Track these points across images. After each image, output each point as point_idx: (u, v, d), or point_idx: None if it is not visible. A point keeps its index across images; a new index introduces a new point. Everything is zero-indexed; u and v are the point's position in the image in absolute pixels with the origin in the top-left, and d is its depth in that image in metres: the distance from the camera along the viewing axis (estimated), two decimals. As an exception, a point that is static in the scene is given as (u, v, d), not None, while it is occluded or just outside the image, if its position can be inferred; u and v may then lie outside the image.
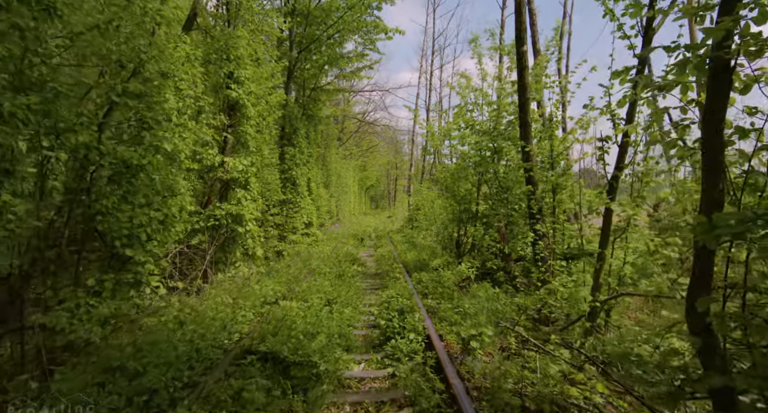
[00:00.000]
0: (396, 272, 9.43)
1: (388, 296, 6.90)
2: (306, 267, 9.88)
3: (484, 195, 10.69)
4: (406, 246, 15.27)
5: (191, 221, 7.01)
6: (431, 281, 7.93)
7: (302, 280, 8.22)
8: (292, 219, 13.94)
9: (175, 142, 5.39)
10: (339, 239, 18.86)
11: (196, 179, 8.21)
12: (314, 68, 15.74)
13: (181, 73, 5.69)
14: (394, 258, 12.62)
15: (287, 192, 13.79)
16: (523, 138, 7.23)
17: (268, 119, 10.10)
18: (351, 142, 39.74)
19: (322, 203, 20.21)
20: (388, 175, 63.46)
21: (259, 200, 9.22)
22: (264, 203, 10.41)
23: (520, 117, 7.28)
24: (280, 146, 14.49)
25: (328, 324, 5.29)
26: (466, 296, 6.96)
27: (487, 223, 9.91)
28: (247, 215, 8.24)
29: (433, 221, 15.27)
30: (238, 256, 8.46)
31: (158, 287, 4.86)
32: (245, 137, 8.70)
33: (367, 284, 9.39)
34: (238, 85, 8.33)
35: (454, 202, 10.83)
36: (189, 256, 7.72)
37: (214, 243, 8.17)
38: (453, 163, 11.39)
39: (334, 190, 26.81)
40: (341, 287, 7.84)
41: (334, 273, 9.10)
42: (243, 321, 5.14)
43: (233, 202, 8.19)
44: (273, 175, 10.90)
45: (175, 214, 5.26)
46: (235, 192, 8.38)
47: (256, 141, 9.49)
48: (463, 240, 11.02)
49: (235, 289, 6.64)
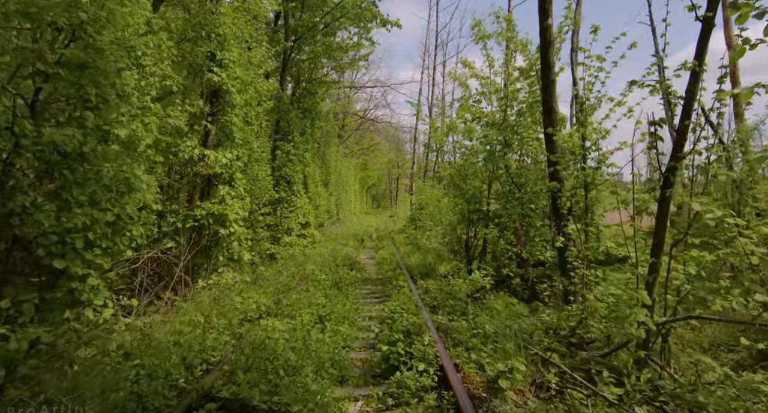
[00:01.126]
0: (400, 280, 8.46)
1: (390, 310, 5.92)
2: (299, 273, 8.90)
3: (495, 193, 9.71)
4: (409, 248, 14.28)
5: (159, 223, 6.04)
6: (440, 292, 6.95)
7: (293, 289, 7.25)
8: (287, 219, 12.98)
9: (134, 127, 4.42)
10: (338, 240, 17.89)
11: (171, 174, 7.25)
12: (310, 59, 14.76)
13: (142, 45, 4.71)
14: (397, 262, 11.64)
15: (281, 190, 12.82)
16: (547, 126, 6.24)
17: (257, 109, 9.13)
18: (352, 140, 38.81)
19: (320, 202, 19.24)
20: (390, 174, 62.50)
21: (246, 198, 8.25)
22: (253, 202, 9.44)
23: (543, 101, 6.29)
24: (273, 140, 13.52)
25: (318, 349, 4.32)
26: (481, 310, 5.97)
27: (501, 224, 8.92)
28: (231, 215, 7.27)
29: (439, 221, 14.29)
30: (221, 261, 7.49)
31: (105, 306, 3.89)
32: (230, 127, 7.73)
33: (367, 292, 8.41)
34: (222, 69, 7.36)
35: (463, 201, 9.85)
36: (164, 262, 6.75)
37: (194, 247, 7.20)
38: (460, 159, 10.40)
39: (333, 189, 25.84)
40: (337, 298, 6.87)
41: (330, 281, 8.13)
42: (212, 347, 4.17)
43: (215, 200, 7.22)
44: (264, 171, 9.93)
45: (132, 214, 4.28)
46: (218, 189, 7.41)
47: (244, 133, 8.51)
48: (472, 243, 10.04)
49: (212, 303, 5.67)
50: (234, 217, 7.37)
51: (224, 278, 7.35)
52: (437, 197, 16.12)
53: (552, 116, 6.26)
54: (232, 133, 7.85)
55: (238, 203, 7.74)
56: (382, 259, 12.60)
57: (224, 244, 7.62)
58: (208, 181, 7.63)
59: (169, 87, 5.64)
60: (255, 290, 6.80)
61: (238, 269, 7.84)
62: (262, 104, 9.38)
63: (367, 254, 15.04)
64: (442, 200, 15.18)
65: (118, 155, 4.22)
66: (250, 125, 8.92)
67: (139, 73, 4.74)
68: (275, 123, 13.92)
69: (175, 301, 5.64)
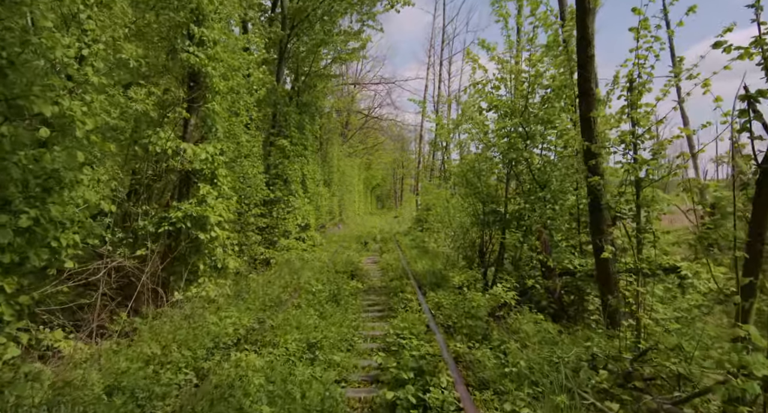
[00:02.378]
0: (407, 291, 7.42)
1: (397, 332, 4.90)
2: (293, 283, 7.89)
3: (514, 192, 8.64)
4: (416, 252, 13.25)
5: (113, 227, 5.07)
6: (455, 308, 5.91)
7: (283, 304, 6.23)
8: (284, 221, 11.99)
9: (66, 105, 3.43)
10: (340, 242, 16.90)
11: (144, 170, 6.28)
12: (309, 49, 13.75)
13: (81, 4, 3.72)
14: (403, 268, 10.61)
15: (277, 190, 11.83)
16: (585, 110, 5.19)
17: (246, 99, 8.14)
18: (356, 139, 37.81)
19: (321, 203, 18.25)
20: (394, 174, 61.49)
21: (233, 198, 7.26)
22: (242, 203, 8.46)
23: (580, 82, 5.23)
24: (269, 134, 12.54)
25: (303, 392, 3.30)
26: (507, 333, 4.93)
27: (521, 226, 7.85)
28: (212, 218, 6.27)
29: (448, 223, 13.22)
30: (202, 270, 6.50)
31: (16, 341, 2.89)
32: (212, 117, 6.74)
33: (370, 304, 7.39)
34: (200, 48, 6.36)
35: (477, 200, 8.79)
36: (132, 274, 5.76)
37: (169, 255, 6.22)
38: (474, 153, 9.33)
39: (336, 188, 24.85)
40: (334, 315, 5.85)
41: (327, 292, 7.11)
42: (162, 395, 3.16)
43: (193, 201, 6.23)
44: (255, 168, 8.94)
45: (62, 218, 3.28)
46: (198, 188, 6.42)
47: (230, 124, 7.53)
48: (488, 248, 8.98)
49: (182, 323, 4.66)
50: (216, 219, 6.38)
51: (205, 290, 6.37)
52: (445, 197, 15.05)
53: (590, 99, 5.19)
54: (215, 123, 6.86)
55: (221, 204, 6.74)
56: (386, 264, 11.58)
57: (206, 251, 6.64)
58: (187, 179, 6.64)
59: (133, 66, 4.63)
60: (237, 306, 5.79)
61: (224, 279, 6.84)
62: (253, 94, 8.40)
63: (371, 259, 14.03)
64: (451, 200, 14.12)
65: (44, 139, 3.23)
66: (237, 116, 7.94)
67: (78, 38, 3.74)
68: (271, 117, 12.95)
69: (140, 322, 4.63)
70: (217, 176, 6.63)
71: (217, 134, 6.90)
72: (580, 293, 6.72)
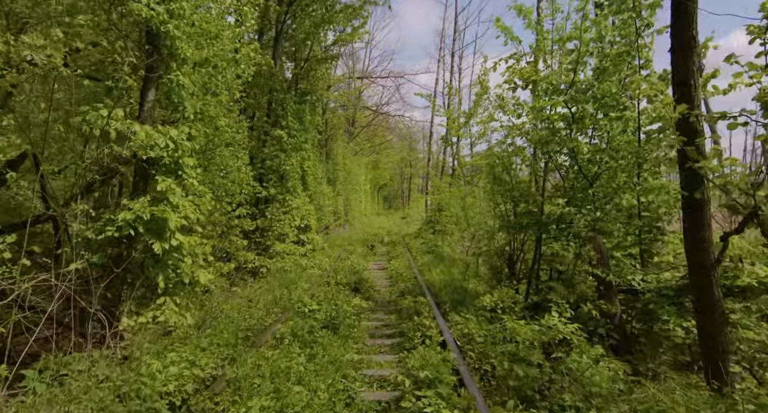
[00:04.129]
0: (423, 312, 5.92)
1: (415, 390, 3.41)
2: (282, 300, 6.43)
3: (553, 190, 7.11)
4: (428, 258, 11.73)
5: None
6: (490, 343, 4.39)
7: (264, 333, 4.75)
8: (280, 223, 10.55)
9: None
10: (344, 245, 15.44)
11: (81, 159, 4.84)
12: (307, 31, 12.26)
13: None
14: (415, 277, 9.11)
15: (270, 186, 10.39)
16: (681, 69, 3.66)
17: (226, 74, 6.70)
18: (363, 136, 36.36)
19: (324, 202, 16.82)
20: (402, 173, 60.03)
21: (206, 195, 5.81)
22: (222, 201, 7.01)
23: (675, 32, 3.69)
24: (263, 125, 11.12)
25: None
26: (571, 384, 3.40)
27: (563, 231, 6.31)
28: (172, 221, 4.83)
29: (465, 225, 11.69)
30: (162, 288, 5.05)
31: None
32: (177, 92, 5.31)
33: (377, 326, 5.91)
34: (158, 2, 4.91)
35: (506, 199, 7.27)
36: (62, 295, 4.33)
37: (114, 271, 4.79)
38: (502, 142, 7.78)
39: (341, 188, 23.41)
40: (328, 349, 4.37)
41: (323, 314, 5.63)
42: None
43: (143, 199, 4.80)
44: (240, 159, 7.50)
45: None
46: (156, 182, 4.98)
47: (205, 104, 6.09)
48: (518, 256, 7.45)
49: (88, 388, 3.18)
50: (178, 223, 4.93)
51: (165, 314, 4.93)
52: (461, 195, 13.52)
53: (689, 53, 3.64)
54: (182, 100, 5.42)
55: (189, 203, 5.31)
56: (395, 273, 10.09)
57: (169, 262, 5.20)
58: (145, 171, 5.20)
59: None
60: (199, 339, 4.33)
61: (191, 298, 5.40)
62: (238, 70, 6.96)
63: (378, 264, 12.55)
64: (467, 200, 12.58)
65: None
66: (215, 96, 6.50)
67: None
68: (266, 106, 11.53)
69: (32, 379, 3.18)
70: (182, 168, 5.18)
71: (185, 113, 5.47)
72: (651, 319, 5.17)
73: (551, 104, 6.08)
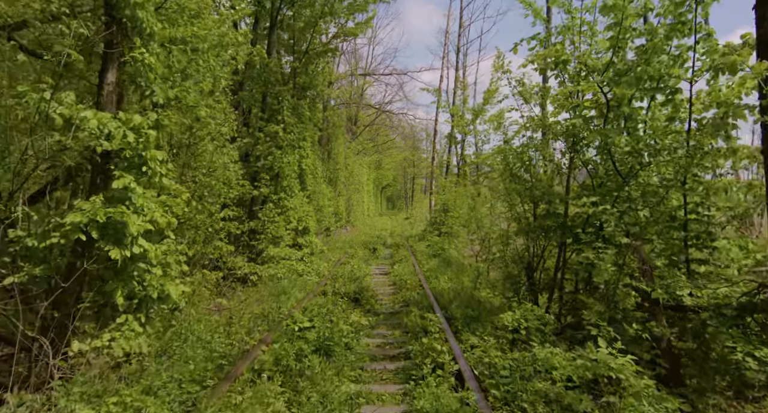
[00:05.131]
0: (432, 331, 5.08)
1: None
2: (271, 315, 5.61)
3: (579, 188, 6.25)
4: (434, 263, 10.88)
5: None
6: (518, 377, 3.54)
7: (243, 359, 3.94)
8: (274, 225, 9.73)
9: None
10: (345, 248, 14.62)
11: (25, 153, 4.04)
12: (306, 22, 11.45)
13: None
14: (421, 286, 8.27)
15: (263, 186, 9.58)
16: None
17: (209, 59, 5.89)
18: (365, 136, 35.52)
19: (324, 202, 15.99)
20: (405, 173, 59.21)
21: (182, 194, 5.01)
22: (203, 202, 6.19)
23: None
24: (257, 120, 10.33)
25: None
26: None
27: (592, 236, 5.45)
28: (133, 225, 4.02)
29: (474, 228, 10.82)
30: (123, 305, 4.24)
31: None
32: (144, 73, 4.51)
33: (378, 345, 5.08)
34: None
35: (526, 199, 6.42)
36: None
37: (61, 285, 3.98)
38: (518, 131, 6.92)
39: (342, 188, 22.59)
40: (318, 382, 3.54)
41: (315, 333, 4.80)
42: None
43: (95, 199, 3.99)
44: (226, 155, 6.69)
45: None
46: (116, 179, 4.17)
47: (181, 90, 5.28)
48: (538, 263, 6.60)
49: None
50: (140, 227, 4.12)
51: (125, 335, 4.12)
52: (468, 195, 12.65)
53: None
54: (150, 84, 4.62)
55: (157, 204, 4.50)
56: (399, 279, 9.26)
57: (135, 273, 4.39)
58: (100, 166, 4.39)
59: None
60: (158, 374, 3.50)
61: (159, 317, 4.58)
62: (221, 47, 6.16)
63: (380, 269, 11.72)
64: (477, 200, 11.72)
65: None
66: (196, 83, 5.70)
67: None
68: (261, 99, 10.73)
69: None
70: (147, 162, 4.37)
71: (154, 98, 4.66)
72: (707, 345, 4.31)
73: (581, 89, 5.23)
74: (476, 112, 18.02)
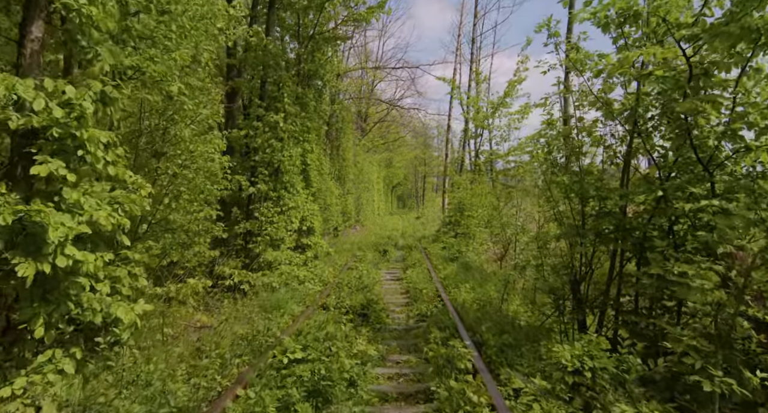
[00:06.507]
0: (458, 364, 3.91)
1: None
2: (256, 338, 4.50)
3: (639, 180, 5.01)
4: (452, 268, 9.67)
5: None
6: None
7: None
8: (273, 226, 8.65)
9: None
10: (354, 250, 13.51)
11: None
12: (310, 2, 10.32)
13: None
14: (439, 296, 7.10)
15: (260, 182, 8.50)
16: None
17: (184, 24, 4.80)
18: (375, 132, 34.38)
19: (331, 201, 14.92)
20: (416, 172, 57.88)
21: (144, 189, 3.93)
22: (178, 200, 5.10)
23: None
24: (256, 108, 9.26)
25: None
26: None
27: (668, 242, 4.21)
28: (54, 230, 2.94)
29: (498, 229, 9.58)
30: (51, 335, 3.18)
31: None
32: (83, 29, 3.44)
33: (389, 375, 3.93)
34: None
35: (573, 195, 5.19)
36: None
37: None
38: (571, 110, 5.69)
39: (352, 186, 21.50)
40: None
41: (309, 368, 3.67)
42: None
43: (11, 193, 2.92)
44: (210, 144, 5.60)
45: None
46: (40, 165, 3.10)
47: (145, 58, 4.20)
48: (585, 274, 5.37)
49: None
50: (70, 231, 3.04)
51: (47, 378, 3.05)
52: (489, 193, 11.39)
53: None
54: (92, 43, 3.54)
55: (100, 201, 3.43)
56: (413, 288, 8.10)
57: (72, 292, 3.32)
58: (20, 148, 3.32)
59: None
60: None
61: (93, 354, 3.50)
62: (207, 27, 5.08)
63: (391, 274, 10.58)
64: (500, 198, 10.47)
65: None
66: (167, 51, 4.62)
67: None
68: (259, 86, 9.65)
69: None
70: (84, 145, 3.28)
71: (99, 62, 3.58)
72: None
73: (654, 54, 3.99)
74: (496, 105, 16.75)
